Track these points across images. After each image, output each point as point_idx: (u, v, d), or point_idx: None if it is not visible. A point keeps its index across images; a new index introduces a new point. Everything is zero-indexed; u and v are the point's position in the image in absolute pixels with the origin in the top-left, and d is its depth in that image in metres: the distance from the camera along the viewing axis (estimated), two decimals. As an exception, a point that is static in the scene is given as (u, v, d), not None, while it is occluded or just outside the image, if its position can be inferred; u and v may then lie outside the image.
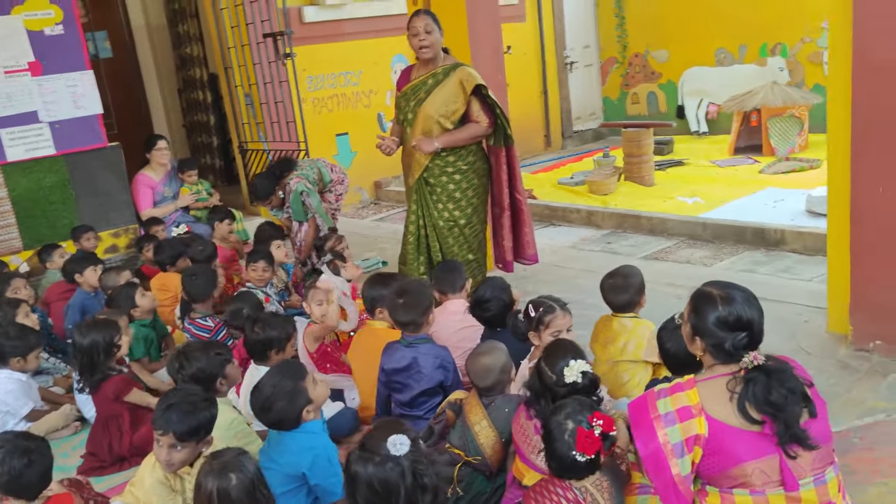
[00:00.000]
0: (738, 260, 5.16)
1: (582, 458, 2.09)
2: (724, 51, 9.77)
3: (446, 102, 4.06)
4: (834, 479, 2.03)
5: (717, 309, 2.08)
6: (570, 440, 2.09)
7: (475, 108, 4.09)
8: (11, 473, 2.36)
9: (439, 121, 4.07)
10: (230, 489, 1.95)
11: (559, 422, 2.12)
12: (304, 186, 5.27)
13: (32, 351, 3.62)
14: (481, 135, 4.17)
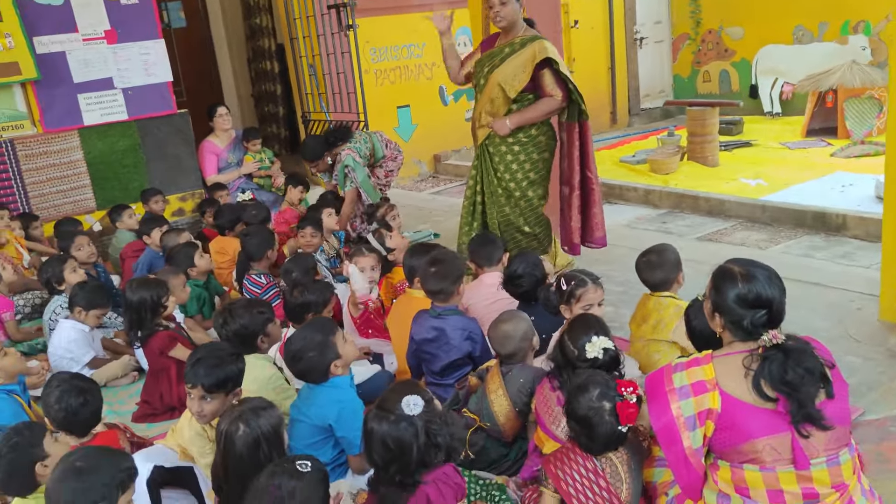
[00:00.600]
0: (796, 244, 5.02)
1: (625, 429, 2.14)
2: (803, 28, 9.38)
3: (515, 72, 4.03)
4: (849, 460, 2.00)
5: (738, 286, 2.07)
6: (613, 418, 2.14)
7: (549, 82, 4.04)
8: (68, 410, 2.55)
9: (504, 88, 4.05)
10: (235, 438, 2.06)
11: (594, 407, 2.15)
12: (352, 161, 5.37)
13: (95, 308, 3.83)
14: (555, 109, 4.10)
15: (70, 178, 6.05)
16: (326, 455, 2.59)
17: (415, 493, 2.10)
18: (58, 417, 2.55)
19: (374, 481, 2.18)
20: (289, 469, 1.84)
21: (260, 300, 3.45)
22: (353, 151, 5.40)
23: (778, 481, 1.98)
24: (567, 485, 2.17)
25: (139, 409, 3.55)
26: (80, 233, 4.90)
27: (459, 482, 2.16)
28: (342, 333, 2.64)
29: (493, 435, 2.68)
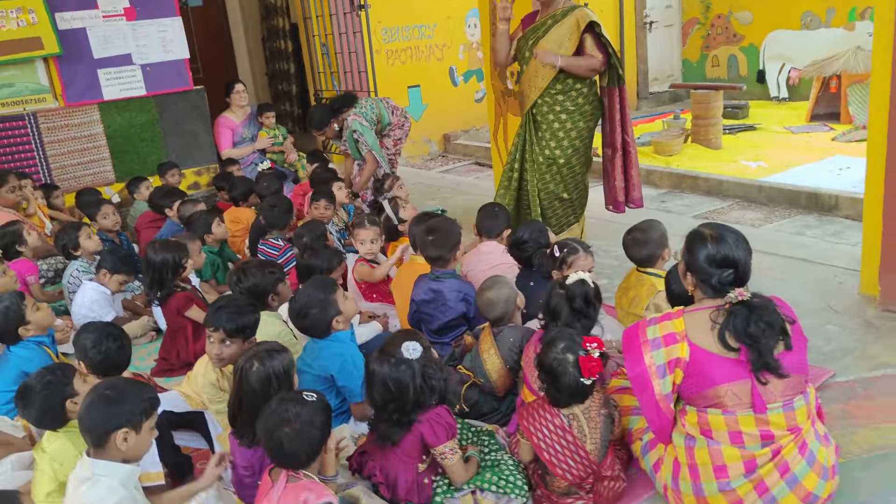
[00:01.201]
0: (789, 223, 5.19)
1: (588, 382, 2.33)
2: (811, 14, 9.46)
3: (560, 41, 4.14)
4: (803, 406, 2.20)
5: (707, 247, 2.26)
6: (576, 370, 2.33)
7: (589, 44, 4.15)
8: (107, 353, 2.76)
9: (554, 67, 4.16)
10: (250, 373, 2.28)
11: (559, 358, 2.34)
12: (359, 125, 5.52)
13: (119, 274, 4.05)
14: (596, 68, 4.18)
15: (90, 150, 6.28)
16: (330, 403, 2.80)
17: (410, 430, 2.32)
18: (95, 360, 2.74)
19: (374, 419, 2.40)
20: (296, 397, 2.06)
21: (272, 262, 3.66)
22: (359, 116, 5.55)
23: (738, 424, 2.18)
24: (538, 438, 2.35)
25: (157, 365, 3.79)
26: (105, 202, 5.12)
27: (451, 422, 2.37)
28: (342, 292, 2.85)
29: (486, 390, 2.88)
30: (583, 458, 2.34)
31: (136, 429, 2.08)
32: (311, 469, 2.09)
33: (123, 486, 2.02)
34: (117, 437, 2.05)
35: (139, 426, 2.08)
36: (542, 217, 4.36)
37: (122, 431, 2.05)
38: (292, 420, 2.02)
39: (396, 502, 2.35)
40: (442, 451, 2.33)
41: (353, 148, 5.62)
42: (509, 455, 2.52)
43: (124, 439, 2.06)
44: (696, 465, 2.23)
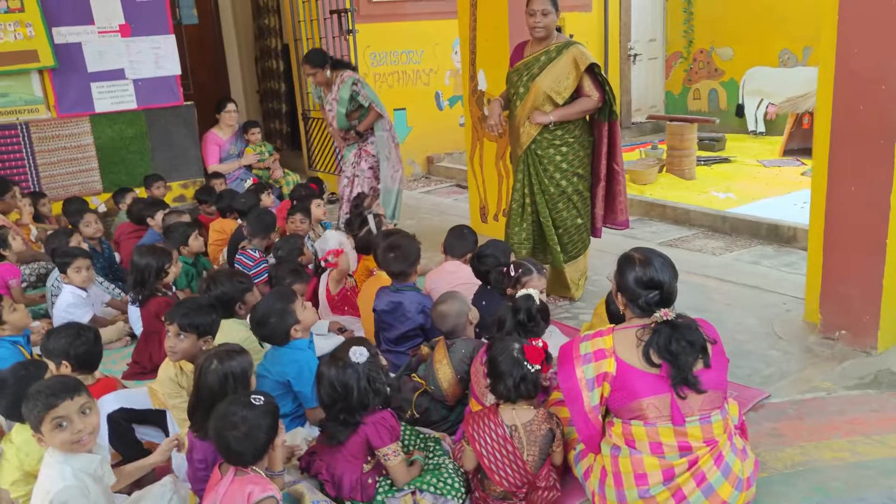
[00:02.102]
0: (748, 252, 5.39)
1: (532, 369, 2.49)
2: (789, 52, 9.76)
3: (558, 79, 4.20)
4: (720, 420, 2.37)
5: (635, 270, 2.45)
6: (520, 355, 2.50)
7: (587, 84, 4.22)
8: (87, 346, 2.93)
9: (551, 96, 4.23)
10: (208, 371, 2.44)
11: (505, 348, 2.53)
12: (359, 78, 5.65)
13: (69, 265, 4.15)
14: (591, 109, 4.29)
15: (79, 160, 6.45)
16: (287, 407, 2.96)
17: (356, 432, 2.48)
18: (79, 353, 2.90)
19: (323, 420, 2.56)
20: (244, 400, 2.21)
21: (241, 272, 3.83)
22: (359, 77, 5.70)
23: (658, 435, 2.34)
24: (480, 445, 2.50)
25: (129, 368, 3.93)
26: (88, 210, 5.29)
27: (395, 425, 2.53)
28: (301, 301, 3.02)
29: (437, 398, 3.04)
30: (520, 467, 2.49)
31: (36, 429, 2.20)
32: (258, 465, 2.24)
33: (74, 475, 2.14)
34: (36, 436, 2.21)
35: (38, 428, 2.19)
36: (559, 245, 4.44)
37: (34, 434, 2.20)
38: (239, 423, 2.17)
39: (341, 500, 2.50)
40: (385, 452, 2.49)
41: (345, 102, 5.67)
42: (451, 460, 2.67)
43: (39, 440, 2.21)
44: (619, 472, 2.40)
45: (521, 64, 4.37)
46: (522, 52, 4.41)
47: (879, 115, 3.32)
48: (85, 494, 2.13)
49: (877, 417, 3.03)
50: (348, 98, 5.72)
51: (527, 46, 4.41)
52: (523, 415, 2.50)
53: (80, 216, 5.06)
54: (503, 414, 2.51)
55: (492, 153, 5.85)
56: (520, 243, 4.43)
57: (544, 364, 2.51)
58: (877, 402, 3.15)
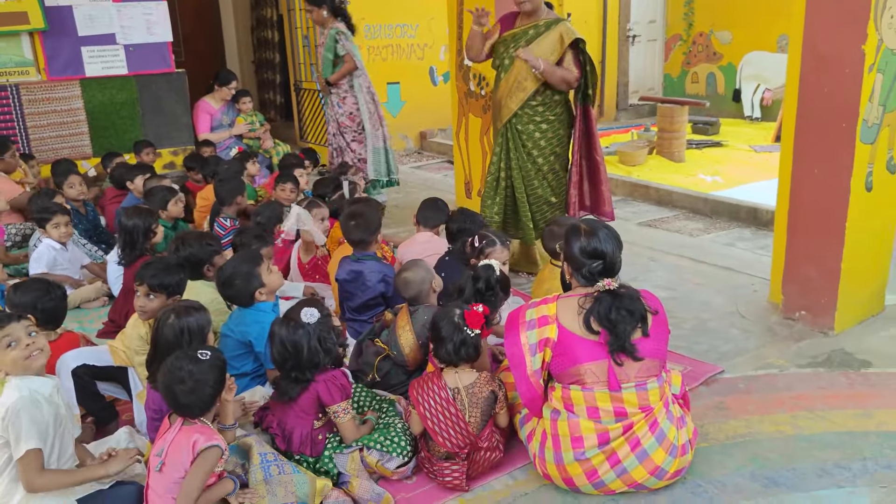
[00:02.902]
0: (725, 235, 5.45)
1: (472, 333, 2.57)
2: (787, 38, 9.68)
3: (544, 54, 4.20)
4: (656, 388, 2.44)
5: (580, 240, 2.51)
6: (461, 320, 2.58)
7: (568, 59, 4.23)
8: (54, 301, 3.03)
9: (534, 71, 4.22)
10: (165, 325, 2.52)
11: (446, 313, 2.62)
12: (345, 32, 5.87)
13: (47, 220, 4.28)
14: (570, 82, 4.26)
15: (69, 124, 6.52)
16: (248, 366, 3.05)
17: (307, 389, 2.56)
18: (46, 308, 2.98)
19: (277, 377, 2.64)
20: (191, 355, 2.29)
21: (210, 234, 3.90)
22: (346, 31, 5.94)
23: (595, 399, 2.42)
24: (423, 408, 2.58)
25: (105, 326, 4.01)
26: (73, 172, 5.36)
27: (345, 384, 2.61)
28: (267, 265, 3.09)
29: (398, 363, 3.12)
30: (462, 429, 2.56)
31: None
32: (206, 417, 2.32)
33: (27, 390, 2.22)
34: None
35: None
36: (531, 221, 4.46)
37: None
38: (186, 378, 2.23)
39: (290, 454, 2.59)
40: (335, 409, 2.57)
41: (328, 48, 5.90)
42: (401, 421, 2.75)
43: None
44: (558, 435, 2.48)
45: (508, 35, 4.36)
46: (513, 22, 4.40)
47: (842, 98, 3.35)
48: (37, 405, 2.21)
49: (822, 394, 3.11)
50: (333, 46, 5.92)
51: (518, 18, 4.39)
52: (465, 378, 2.58)
53: (65, 177, 5.13)
54: (446, 377, 2.59)
55: (477, 128, 5.88)
56: (491, 217, 4.48)
57: (484, 328, 2.58)
58: (826, 380, 3.22)
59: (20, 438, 2.18)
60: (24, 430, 2.17)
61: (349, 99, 6.06)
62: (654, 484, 2.47)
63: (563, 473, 2.48)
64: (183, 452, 2.21)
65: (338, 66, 5.97)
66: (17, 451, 2.18)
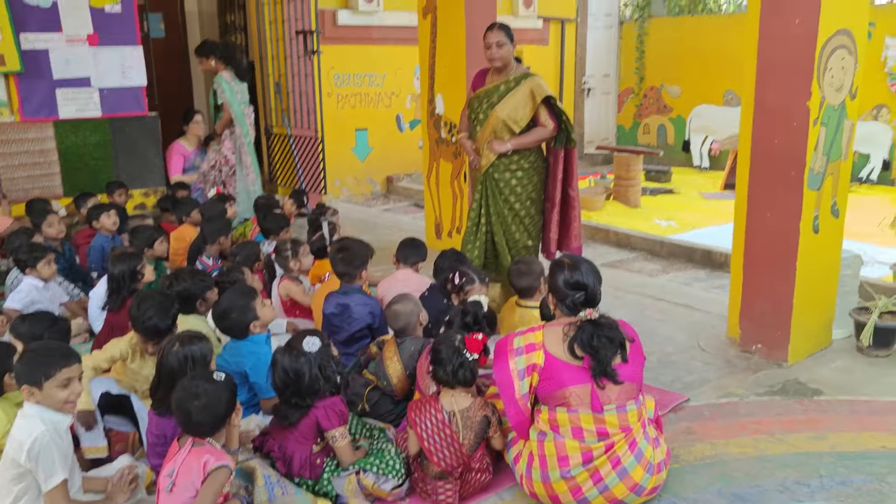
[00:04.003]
0: (682, 275, 5.77)
1: (471, 357, 2.75)
2: (732, 92, 10.32)
3: (516, 108, 4.44)
4: (634, 410, 2.66)
5: (564, 273, 2.74)
6: (462, 345, 2.77)
7: (543, 114, 4.45)
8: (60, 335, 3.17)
9: (508, 124, 4.46)
10: (170, 353, 2.64)
11: (448, 337, 2.81)
12: (225, 82, 6.37)
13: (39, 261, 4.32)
14: (546, 137, 4.54)
15: (41, 164, 6.56)
16: (242, 396, 3.13)
17: (307, 414, 2.70)
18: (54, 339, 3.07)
19: (277, 403, 2.77)
20: (206, 375, 2.42)
21: (203, 271, 4.02)
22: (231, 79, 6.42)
23: (580, 420, 2.62)
24: (421, 429, 2.75)
25: (88, 362, 4.06)
26: (51, 211, 5.40)
27: (343, 410, 2.76)
28: (261, 299, 3.24)
29: (387, 392, 3.27)
30: (457, 449, 2.73)
31: (38, 386, 2.38)
32: (216, 438, 2.44)
33: (50, 425, 2.34)
34: (24, 391, 2.40)
35: (40, 384, 2.38)
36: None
37: (25, 387, 2.39)
38: (201, 394, 2.37)
39: (290, 476, 2.70)
40: (333, 434, 2.71)
41: (211, 95, 6.43)
42: (394, 446, 2.90)
43: (31, 393, 2.39)
44: (545, 455, 2.66)
45: (481, 91, 4.60)
46: (484, 80, 4.66)
47: (790, 148, 3.70)
48: (57, 444, 2.31)
49: (780, 420, 3.36)
50: (213, 94, 6.45)
51: (488, 74, 4.64)
52: (461, 402, 2.75)
53: (43, 216, 5.18)
54: (443, 401, 2.76)
55: (447, 173, 6.15)
56: (472, 259, 4.69)
57: (482, 355, 2.76)
58: (782, 407, 3.49)
59: (53, 470, 2.28)
60: (56, 461, 2.27)
61: (227, 143, 6.56)
62: (633, 500, 2.66)
63: (549, 491, 2.65)
64: (193, 473, 2.32)
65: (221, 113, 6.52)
66: (49, 482, 2.28)
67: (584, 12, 11.09)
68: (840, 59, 3.73)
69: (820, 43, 3.57)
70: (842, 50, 3.72)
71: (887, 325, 3.98)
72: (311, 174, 7.59)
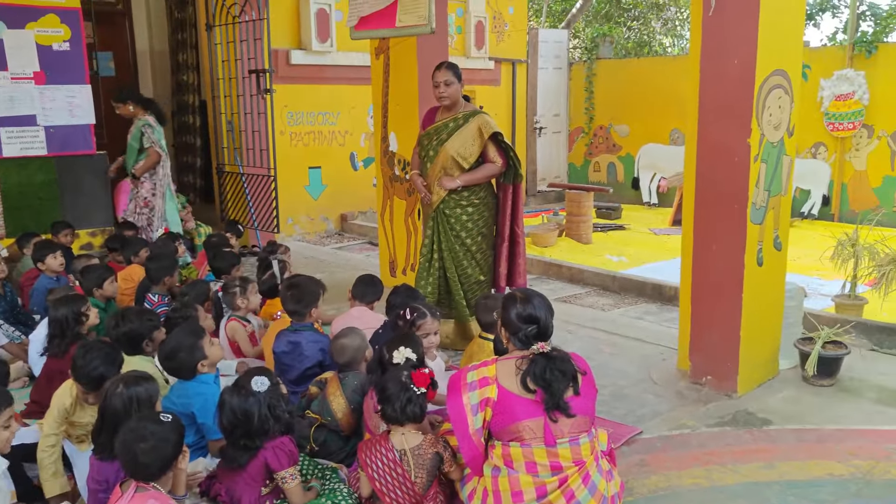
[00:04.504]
0: (633, 309, 5.85)
1: (419, 392, 2.71)
2: (678, 131, 10.64)
3: (465, 144, 4.53)
4: (587, 443, 2.66)
5: (516, 306, 2.75)
6: (409, 380, 2.73)
7: (491, 151, 4.54)
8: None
9: (457, 160, 4.54)
10: (114, 395, 2.56)
11: (393, 374, 2.77)
12: (151, 125, 6.29)
13: None
14: (496, 174, 4.63)
15: (-19, 204, 6.37)
16: (189, 438, 3.05)
17: (256, 456, 2.63)
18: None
19: (225, 445, 2.70)
20: (153, 416, 2.35)
21: (150, 309, 3.93)
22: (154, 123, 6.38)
23: (533, 455, 2.61)
24: (372, 469, 2.70)
25: (27, 408, 3.90)
26: (-9, 253, 5.25)
27: (293, 450, 2.70)
28: (209, 338, 3.18)
29: (333, 429, 3.21)
30: (409, 488, 2.69)
31: None
32: (161, 483, 2.36)
33: None
34: None
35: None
36: (464, 300, 4.69)
37: None
38: (148, 436, 2.30)
39: (238, 521, 2.63)
40: (283, 475, 2.65)
41: (135, 138, 6.37)
42: (346, 486, 2.85)
43: None
44: (499, 491, 2.63)
45: (431, 128, 4.69)
46: (434, 117, 4.75)
47: (733, 184, 3.81)
48: None
49: (731, 450, 3.40)
50: (139, 137, 6.38)
51: (438, 112, 4.74)
52: (411, 439, 2.72)
53: (-18, 258, 5.02)
54: (393, 440, 2.72)
55: (401, 210, 6.16)
56: (425, 296, 4.68)
57: (430, 389, 2.74)
58: (733, 438, 3.53)
59: None
60: None
61: (147, 184, 6.51)
62: (589, 534, 2.65)
63: (504, 527, 2.62)
64: (137, 519, 2.24)
65: (142, 155, 6.45)
66: None
67: (535, 54, 11.36)
68: (777, 98, 3.88)
69: (758, 83, 3.72)
70: (778, 90, 3.88)
71: (830, 355, 4.09)
72: (263, 212, 7.53)
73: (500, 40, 10.77)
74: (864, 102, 8.97)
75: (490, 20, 10.48)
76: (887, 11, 9.39)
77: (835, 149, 9.38)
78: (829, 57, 9.34)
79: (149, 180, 6.51)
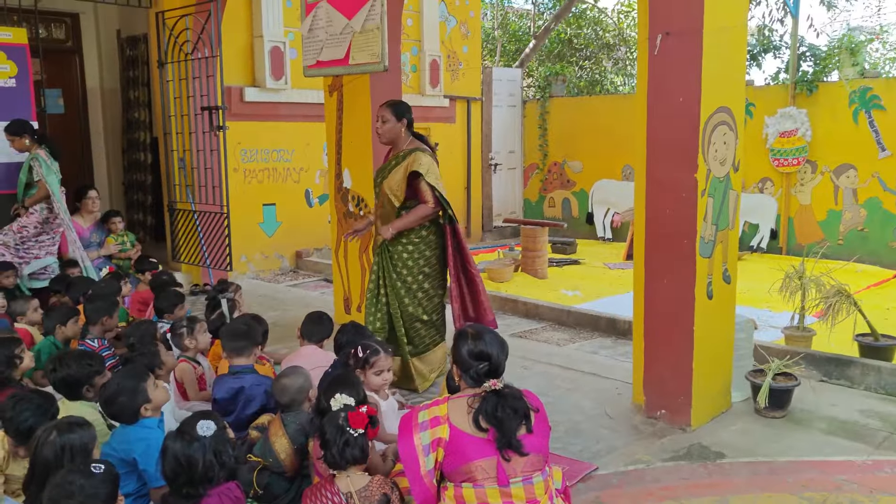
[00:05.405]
0: (588, 343, 5.87)
1: (356, 433, 2.64)
2: (630, 167, 10.84)
3: (396, 181, 4.59)
4: (541, 482, 2.62)
5: (468, 343, 2.72)
6: (345, 423, 2.65)
7: (423, 189, 4.53)
8: None
9: (391, 197, 4.60)
10: (45, 443, 2.44)
11: (330, 417, 2.70)
12: (43, 159, 6.16)
13: None
14: (428, 214, 4.58)
15: (-84, 244, 6.13)
16: (130, 486, 2.93)
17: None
18: None
19: (166, 494, 2.59)
20: (83, 469, 2.23)
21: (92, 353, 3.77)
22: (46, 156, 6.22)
23: (486, 496, 2.55)
24: None
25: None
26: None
27: (240, 496, 2.60)
28: (153, 379, 3.06)
29: (276, 471, 3.10)
30: (358, 533, 2.62)
31: None
32: (96, 537, 2.24)
33: None
34: None
35: None
36: (406, 337, 4.64)
37: None
38: (76, 492, 2.18)
39: (180, 573, 2.51)
40: (228, 524, 2.55)
41: (24, 172, 6.26)
42: (295, 532, 2.75)
43: None
44: (452, 533, 2.57)
45: (380, 167, 4.78)
46: (388, 156, 4.79)
47: (681, 218, 3.87)
48: None
49: (685, 484, 3.40)
50: (27, 170, 6.26)
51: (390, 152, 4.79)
52: (357, 481, 2.65)
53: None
54: (339, 483, 2.65)
55: (356, 247, 6.11)
56: (374, 331, 4.63)
57: (368, 428, 2.68)
58: (687, 472, 3.53)
59: None
60: None
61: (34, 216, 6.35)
62: (544, 576, 2.59)
63: (458, 572, 2.55)
64: (69, 576, 2.12)
65: (32, 190, 6.32)
66: None
67: (489, 92, 11.52)
68: (722, 134, 3.97)
69: (703, 119, 3.80)
70: (723, 126, 3.98)
71: (781, 387, 4.14)
72: (216, 250, 7.40)
73: (455, 79, 10.90)
74: (807, 139, 9.27)
75: (445, 59, 10.62)
76: (826, 52, 9.76)
77: (781, 184, 9.65)
78: (772, 95, 9.65)
79: (37, 213, 6.35)
